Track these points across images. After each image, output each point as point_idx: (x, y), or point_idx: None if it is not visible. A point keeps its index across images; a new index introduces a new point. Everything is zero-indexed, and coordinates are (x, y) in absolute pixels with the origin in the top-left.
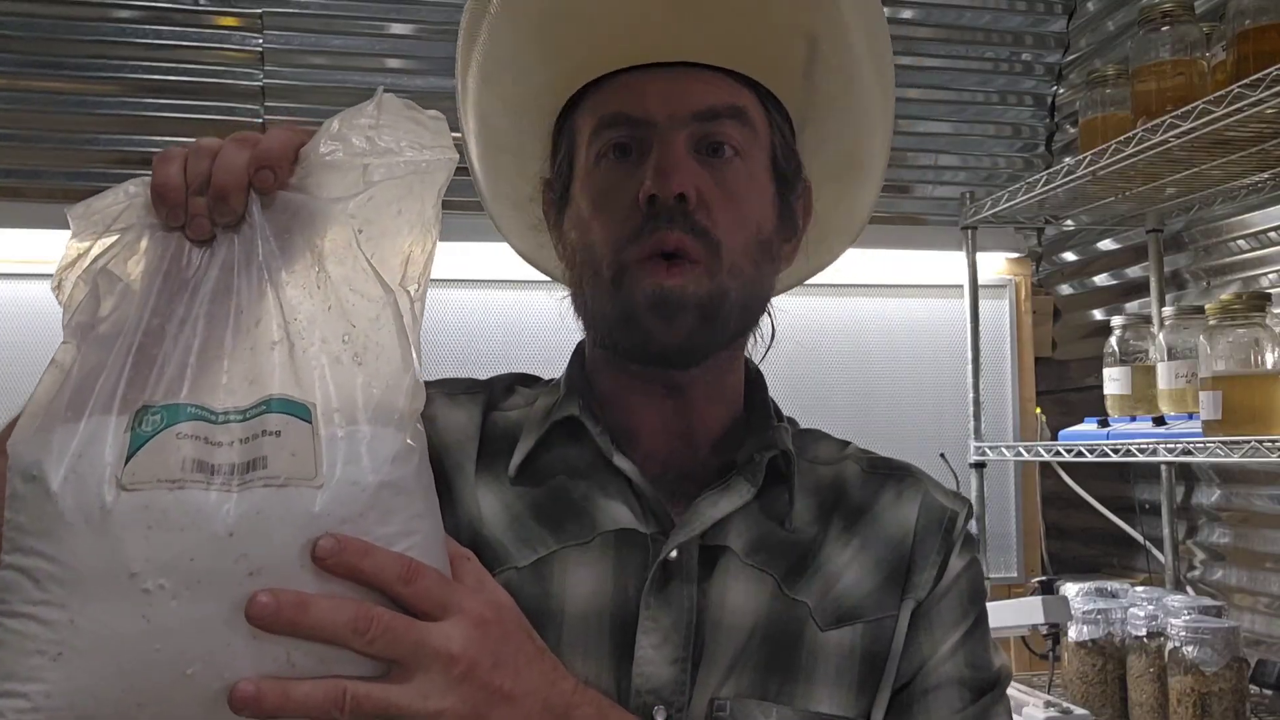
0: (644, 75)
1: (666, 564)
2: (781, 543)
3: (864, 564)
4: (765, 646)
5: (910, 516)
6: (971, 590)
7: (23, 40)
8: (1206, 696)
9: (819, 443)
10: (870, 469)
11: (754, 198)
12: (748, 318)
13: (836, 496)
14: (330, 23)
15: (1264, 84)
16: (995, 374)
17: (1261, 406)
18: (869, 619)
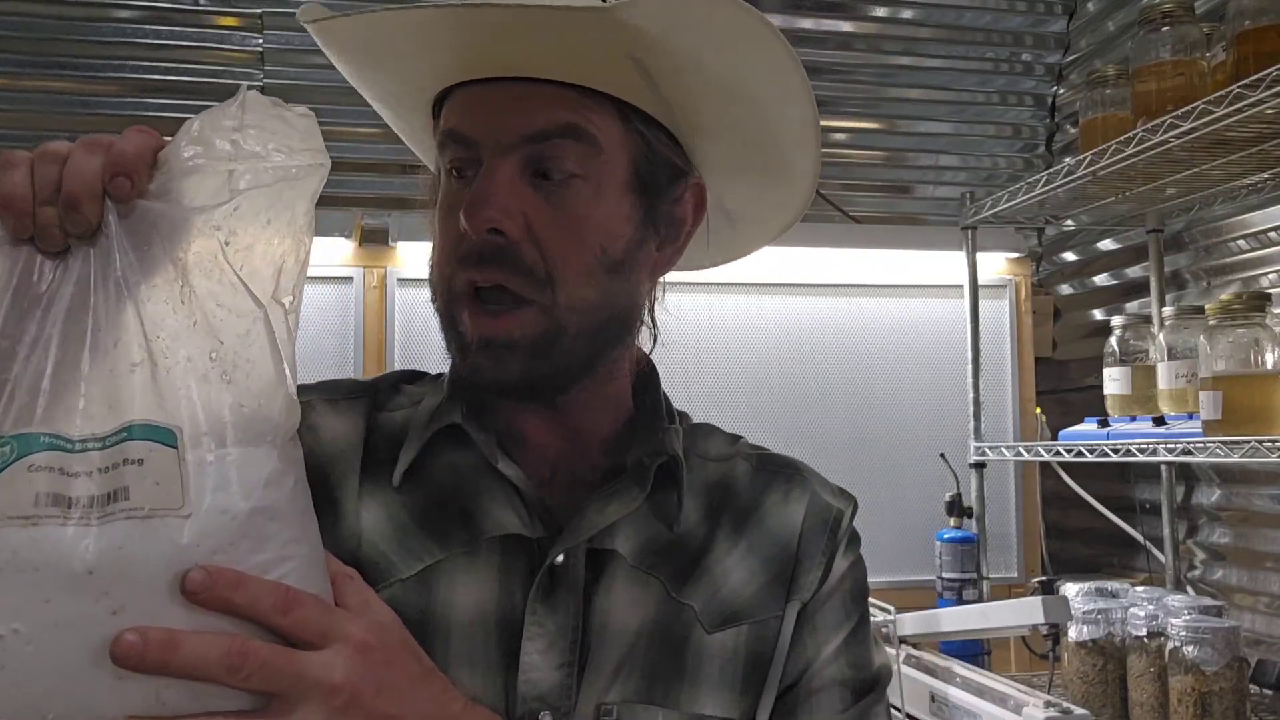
0: (482, 90)
1: (553, 570)
2: (670, 545)
3: (750, 565)
4: (652, 650)
5: (797, 516)
6: (855, 590)
7: (23, 40)
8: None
9: (710, 438)
10: (759, 465)
11: (596, 218)
12: (603, 340)
13: (725, 495)
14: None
15: (1264, 84)
16: (995, 374)
17: (1261, 406)
18: (753, 619)
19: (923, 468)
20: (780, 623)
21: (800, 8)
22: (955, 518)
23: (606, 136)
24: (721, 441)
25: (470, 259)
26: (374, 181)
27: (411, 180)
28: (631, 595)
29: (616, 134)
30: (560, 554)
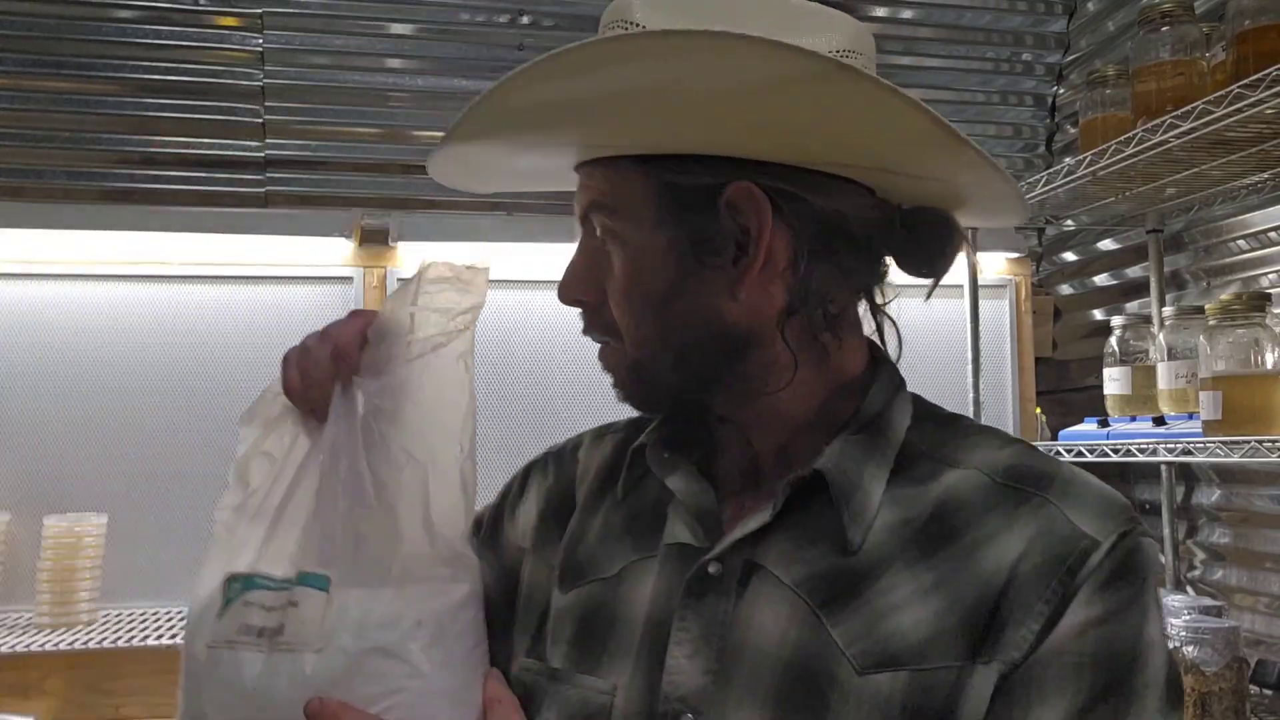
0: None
1: (706, 576)
2: (832, 567)
3: (932, 603)
4: (791, 679)
5: (1015, 549)
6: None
7: (23, 40)
8: (1207, 696)
9: (968, 441)
10: (1004, 479)
11: (631, 266)
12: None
13: (939, 514)
14: (330, 23)
15: (1264, 84)
16: (995, 374)
17: (1261, 406)
18: (917, 668)
19: None
20: (958, 678)
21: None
22: None
23: (623, 196)
24: (979, 447)
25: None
26: (374, 181)
27: (411, 180)
28: (774, 614)
29: (635, 189)
30: (714, 562)
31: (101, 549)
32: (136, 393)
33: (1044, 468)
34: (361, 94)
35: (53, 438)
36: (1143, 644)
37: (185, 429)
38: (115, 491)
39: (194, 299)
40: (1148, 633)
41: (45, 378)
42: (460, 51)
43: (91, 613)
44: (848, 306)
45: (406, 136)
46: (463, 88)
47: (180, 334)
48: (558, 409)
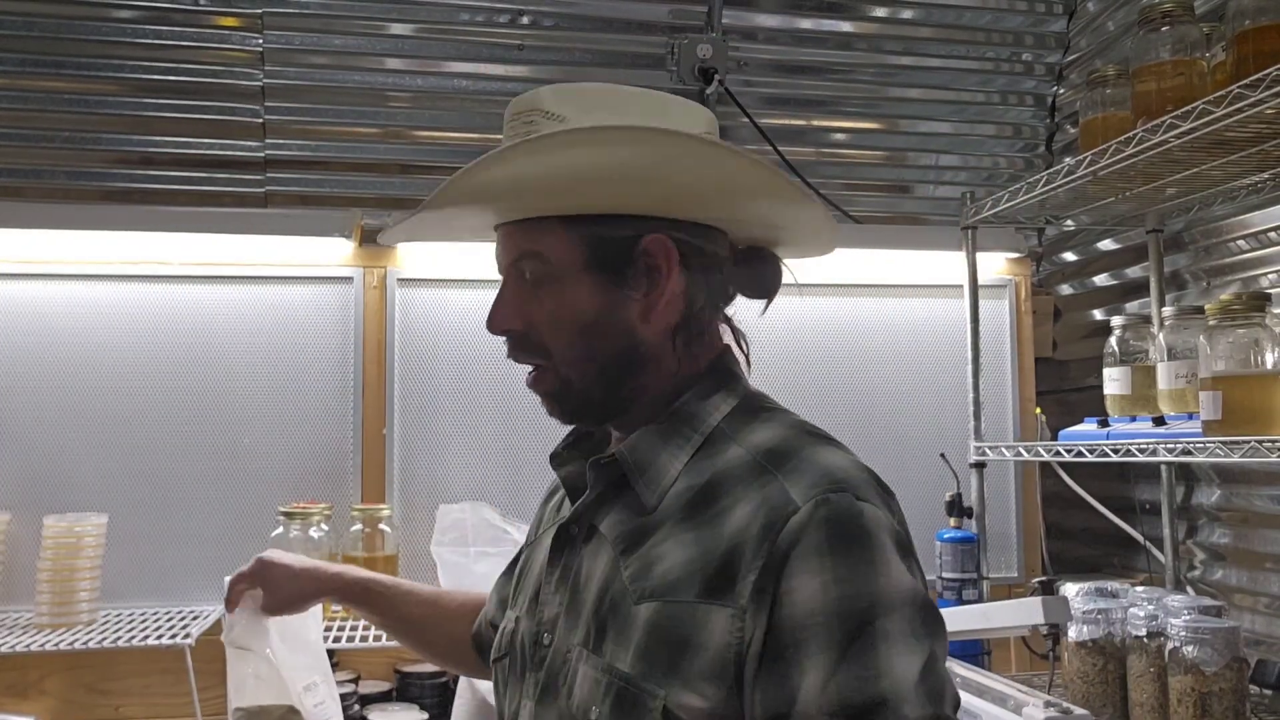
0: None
1: (568, 535)
2: (634, 526)
3: (688, 553)
4: (600, 608)
5: (744, 515)
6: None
7: (23, 40)
8: (1207, 696)
9: (760, 427)
10: (759, 457)
11: (564, 301)
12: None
13: (706, 483)
14: (330, 23)
15: (1264, 84)
16: (995, 374)
17: (1261, 407)
18: (668, 599)
19: (923, 468)
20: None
21: (800, 8)
22: (955, 518)
23: (553, 246)
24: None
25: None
26: (374, 181)
27: (411, 180)
28: (598, 561)
29: (561, 239)
30: (573, 525)
31: (101, 549)
32: (136, 393)
33: (792, 447)
34: (361, 94)
35: (53, 438)
36: (876, 590)
37: (185, 429)
38: (115, 491)
39: (194, 299)
40: (876, 582)
41: (45, 378)
42: (460, 51)
43: (91, 613)
44: (711, 323)
45: (406, 136)
46: (463, 88)
47: (180, 334)
48: None
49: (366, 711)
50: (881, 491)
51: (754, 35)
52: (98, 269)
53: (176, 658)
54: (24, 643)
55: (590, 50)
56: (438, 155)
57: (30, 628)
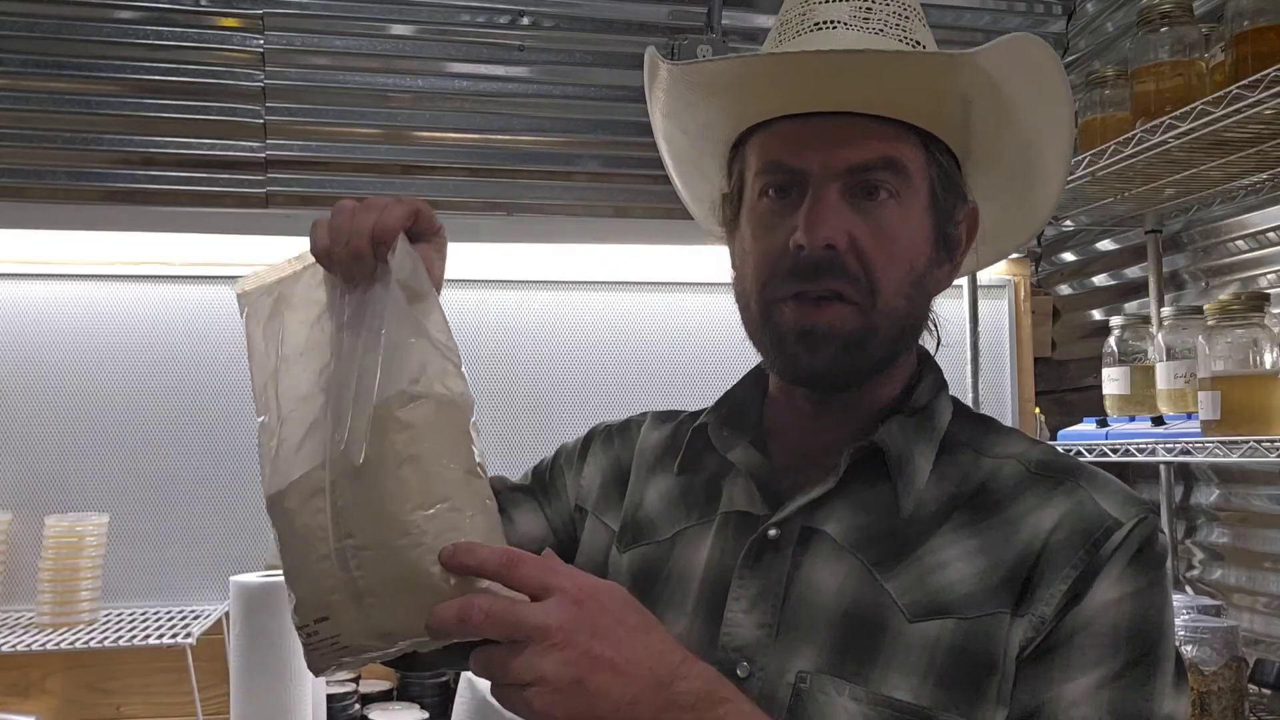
0: (804, 125)
1: (765, 540)
2: (884, 532)
3: (977, 563)
4: (849, 628)
5: (1047, 522)
6: (1132, 624)
7: (24, 40)
8: (1206, 695)
9: (1002, 437)
10: (1035, 469)
11: (908, 237)
12: (898, 346)
13: (977, 491)
14: (330, 23)
15: (1262, 85)
16: (995, 374)
17: (1260, 406)
18: (962, 616)
19: None
20: (998, 626)
21: None
22: None
23: (915, 166)
24: (1013, 443)
25: (804, 271)
26: (375, 182)
27: (412, 180)
28: (832, 572)
29: (921, 163)
30: (773, 527)
31: (102, 548)
32: (137, 392)
33: (1072, 462)
34: (361, 94)
35: (53, 437)
36: (1165, 621)
37: (186, 428)
38: (116, 491)
39: (195, 299)
40: (1167, 613)
41: (46, 378)
42: (460, 51)
43: (92, 612)
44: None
45: (406, 136)
46: (463, 88)
47: (181, 334)
48: (558, 407)
49: (367, 710)
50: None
51: (754, 36)
52: (99, 269)
53: (178, 657)
54: (25, 642)
55: (590, 51)
56: (438, 156)
57: (31, 627)
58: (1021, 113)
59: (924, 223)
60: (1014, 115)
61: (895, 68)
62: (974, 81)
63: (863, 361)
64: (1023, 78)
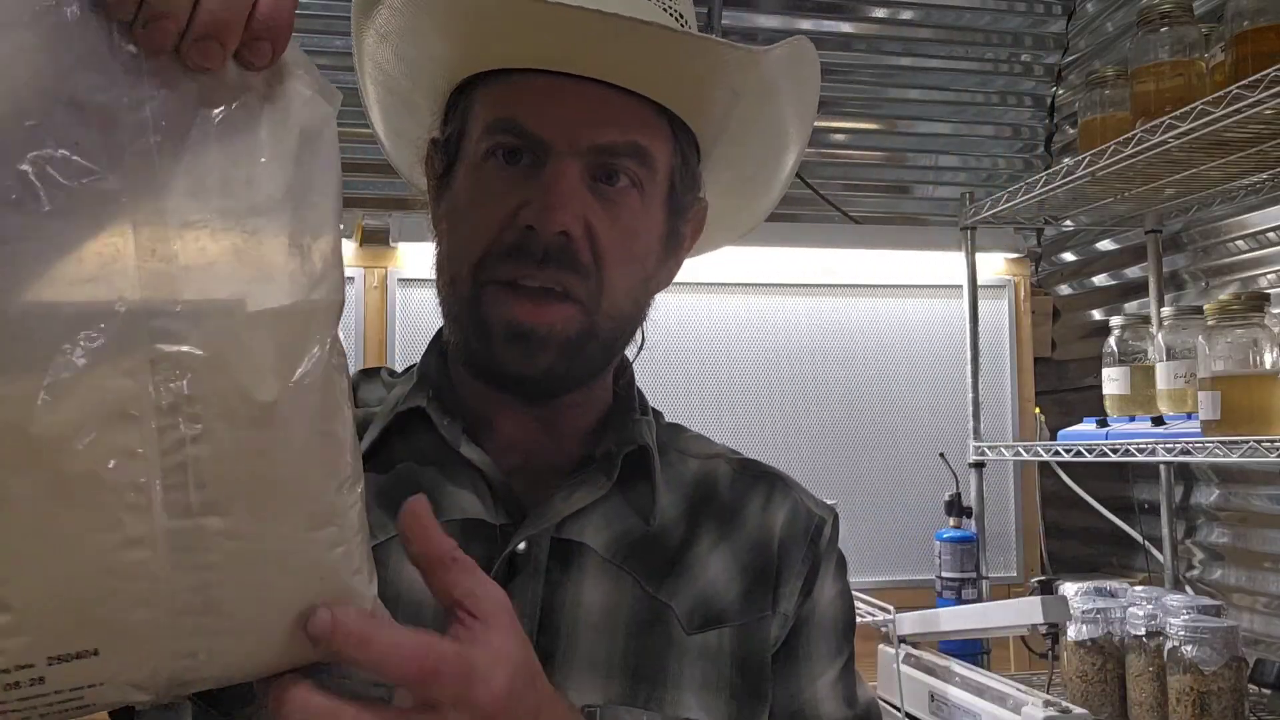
0: (550, 84)
1: (514, 557)
2: (645, 540)
3: (731, 568)
4: (633, 650)
5: (777, 521)
6: (846, 619)
7: None
8: (1205, 695)
9: (689, 436)
10: (740, 469)
11: (645, 233)
12: (616, 352)
13: (706, 494)
14: (330, 23)
15: (1262, 85)
16: (994, 374)
17: (1260, 406)
18: (737, 622)
19: (922, 467)
20: (765, 628)
21: (800, 8)
22: (954, 517)
23: (661, 156)
24: (701, 441)
25: (529, 255)
26: (374, 182)
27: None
28: (603, 589)
29: (666, 153)
30: (522, 541)
31: None
32: None
33: (763, 463)
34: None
35: None
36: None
37: None
38: None
39: None
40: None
41: None
42: None
43: None
44: None
45: None
46: None
47: None
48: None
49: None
50: None
51: (754, 36)
52: None
53: None
54: None
55: None
56: None
57: None
58: (784, 118)
59: (659, 218)
60: (776, 119)
61: (677, 48)
62: (753, 80)
63: (578, 369)
64: (792, 84)
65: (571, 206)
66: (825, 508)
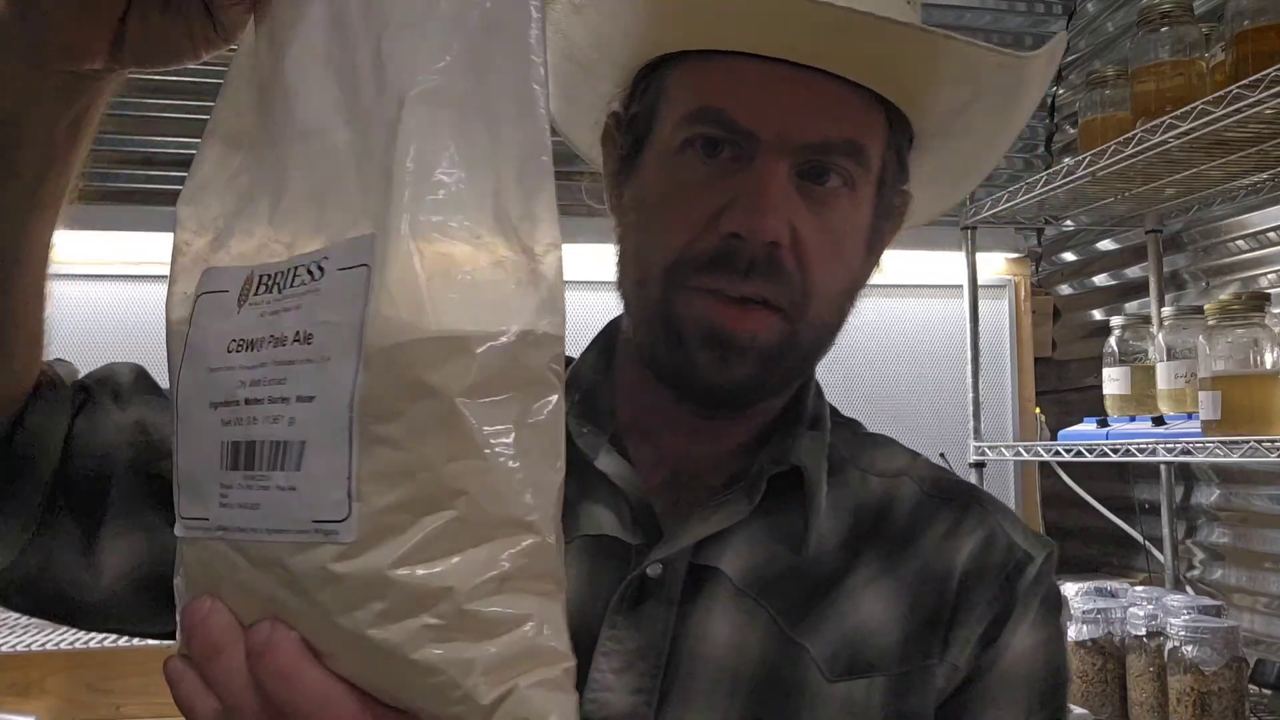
0: (762, 72)
1: (645, 580)
2: (790, 571)
3: (896, 607)
4: (755, 694)
5: (961, 551)
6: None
7: None
8: (1206, 696)
9: (881, 450)
10: (931, 491)
11: (853, 236)
12: (812, 362)
13: (877, 519)
14: None
15: (1263, 85)
16: (995, 374)
17: (1260, 406)
18: (892, 672)
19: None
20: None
21: None
22: None
23: (874, 152)
24: (895, 456)
25: (732, 267)
26: None
27: None
28: (733, 623)
29: (880, 148)
30: (655, 564)
31: None
32: None
33: (964, 483)
34: None
35: None
36: (1069, 675)
37: None
38: None
39: None
40: (1069, 665)
41: None
42: None
43: None
44: None
45: None
46: None
47: None
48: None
49: None
50: None
51: None
52: (98, 269)
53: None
54: (25, 642)
55: None
56: None
57: (31, 627)
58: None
59: (866, 218)
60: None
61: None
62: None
63: (774, 379)
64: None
65: (782, 212)
66: (1037, 541)
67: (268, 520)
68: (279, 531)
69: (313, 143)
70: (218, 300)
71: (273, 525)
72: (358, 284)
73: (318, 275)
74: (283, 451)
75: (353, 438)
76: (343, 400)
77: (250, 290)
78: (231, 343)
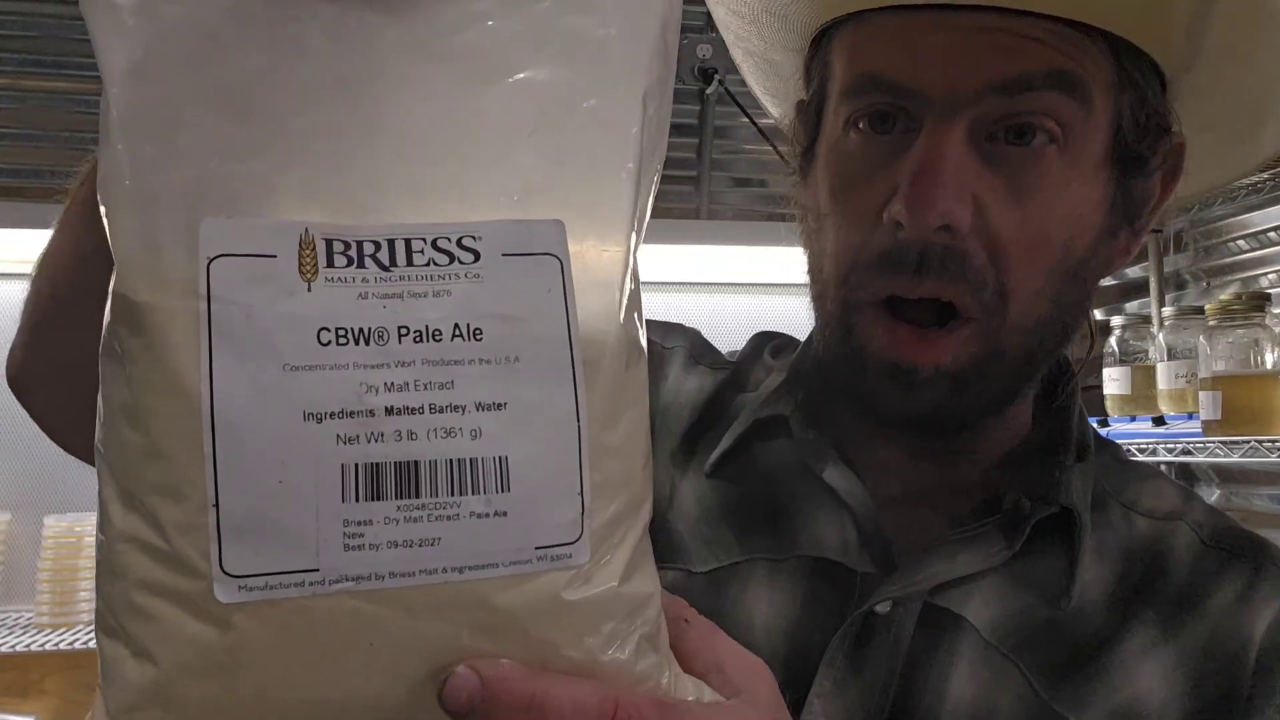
0: (922, 20)
1: (872, 617)
2: (1048, 626)
3: (1175, 678)
4: None
5: (1259, 621)
6: None
7: (23, 40)
8: None
9: (1148, 484)
10: (1212, 542)
11: (1069, 208)
12: (1033, 370)
13: (1149, 571)
14: None
15: None
16: None
17: (1261, 407)
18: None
19: None
20: None
21: None
22: None
23: (1098, 87)
24: (1165, 493)
25: (901, 263)
26: None
27: None
28: (978, 682)
29: (1105, 84)
30: (886, 600)
31: None
32: None
33: (1253, 535)
34: None
35: None
36: None
37: None
38: None
39: None
40: None
41: None
42: None
43: (92, 612)
44: None
45: None
46: None
47: None
48: None
49: None
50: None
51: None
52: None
53: None
54: (24, 642)
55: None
56: None
57: (30, 627)
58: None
59: (1096, 179)
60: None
61: None
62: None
63: (976, 401)
64: None
65: (953, 187)
66: None
67: (456, 557)
68: (482, 567)
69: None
70: (259, 268)
71: (467, 561)
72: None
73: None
74: (474, 470)
75: (582, 449)
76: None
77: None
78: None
